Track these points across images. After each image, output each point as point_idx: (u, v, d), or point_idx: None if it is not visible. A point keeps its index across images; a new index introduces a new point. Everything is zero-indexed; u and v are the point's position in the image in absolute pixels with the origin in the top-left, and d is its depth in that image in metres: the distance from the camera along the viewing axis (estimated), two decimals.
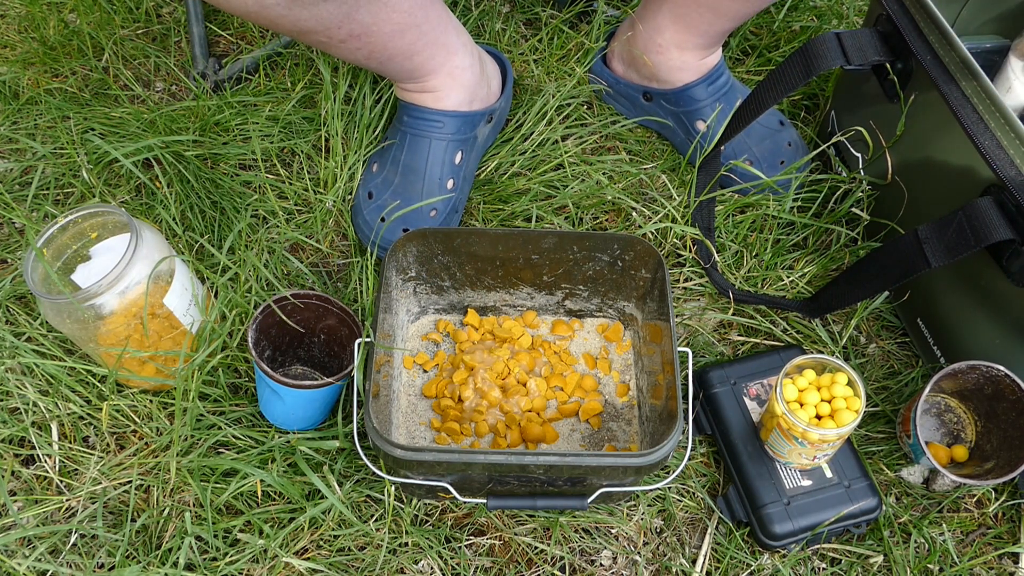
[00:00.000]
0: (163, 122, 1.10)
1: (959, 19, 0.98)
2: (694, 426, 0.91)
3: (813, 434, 0.78)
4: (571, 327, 1.00)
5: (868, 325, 1.02)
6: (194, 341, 0.89)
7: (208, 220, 1.04)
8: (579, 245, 0.91)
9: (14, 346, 0.92)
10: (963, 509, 0.89)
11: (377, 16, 0.87)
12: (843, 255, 1.03)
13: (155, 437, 0.90)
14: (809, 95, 1.21)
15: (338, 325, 0.91)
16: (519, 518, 0.88)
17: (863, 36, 0.90)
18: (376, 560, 0.83)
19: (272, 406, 0.87)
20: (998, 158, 0.77)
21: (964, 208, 0.78)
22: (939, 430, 0.92)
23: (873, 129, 0.98)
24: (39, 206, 1.07)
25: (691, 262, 1.04)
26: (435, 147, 1.03)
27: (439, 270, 0.95)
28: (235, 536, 0.84)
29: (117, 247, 0.86)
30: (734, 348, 0.99)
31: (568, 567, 0.85)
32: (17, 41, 1.24)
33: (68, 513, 0.87)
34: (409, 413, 0.94)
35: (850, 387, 0.82)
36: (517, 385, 0.93)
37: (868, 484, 0.84)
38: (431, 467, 0.77)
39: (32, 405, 0.90)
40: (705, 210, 1.03)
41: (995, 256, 0.80)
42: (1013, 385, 0.83)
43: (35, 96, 1.17)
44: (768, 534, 0.83)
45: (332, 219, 1.08)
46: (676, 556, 0.86)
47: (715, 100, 1.10)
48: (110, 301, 0.80)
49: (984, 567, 0.86)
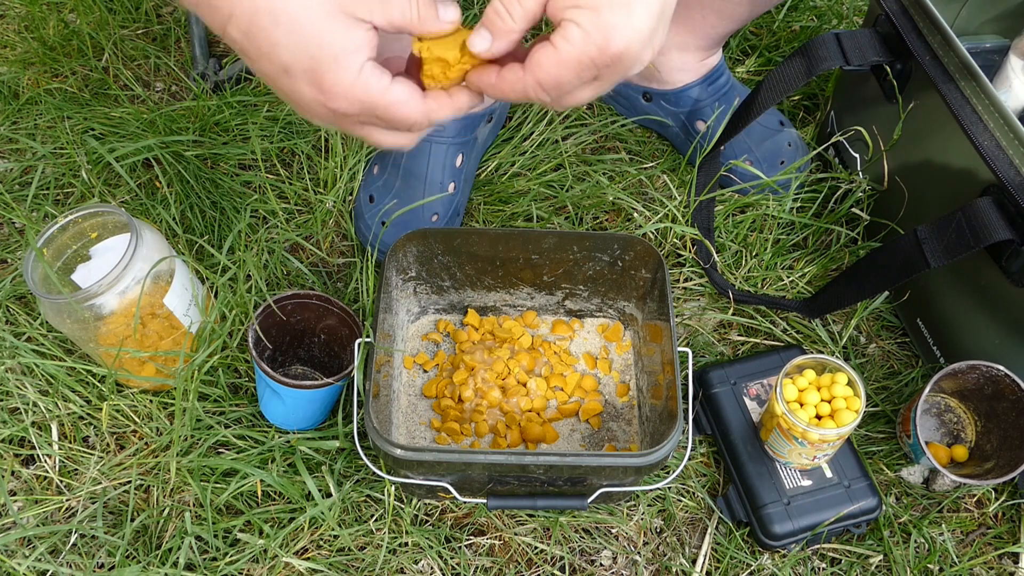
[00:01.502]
0: (163, 122, 1.10)
1: (958, 19, 0.98)
2: (694, 426, 0.91)
3: (813, 434, 0.78)
4: (571, 327, 1.00)
5: (868, 325, 1.02)
6: (194, 341, 0.89)
7: (208, 220, 1.04)
8: (579, 245, 0.91)
9: (14, 346, 0.92)
10: (963, 509, 0.89)
11: None
12: (843, 255, 1.03)
13: (155, 437, 0.90)
14: (809, 95, 1.21)
15: (338, 325, 0.91)
16: (519, 518, 0.88)
17: (862, 36, 0.90)
18: (376, 560, 0.83)
19: (272, 406, 0.87)
20: (997, 159, 0.77)
21: (963, 208, 0.78)
22: (939, 430, 0.92)
23: (873, 130, 0.98)
24: (39, 206, 1.07)
25: (691, 262, 1.04)
26: (436, 151, 1.02)
27: (439, 270, 0.95)
28: (235, 536, 0.84)
29: (117, 247, 0.86)
30: (734, 348, 0.99)
31: (568, 567, 0.85)
32: (17, 41, 1.24)
33: (68, 513, 0.87)
34: (409, 413, 0.94)
35: (850, 387, 0.82)
36: (517, 385, 0.93)
37: (868, 484, 0.84)
38: (431, 467, 0.77)
39: (32, 405, 0.90)
40: (705, 210, 1.03)
41: (994, 256, 0.80)
42: (1013, 385, 0.83)
43: (35, 96, 1.17)
44: (768, 534, 0.83)
45: (332, 219, 1.08)
46: (676, 556, 0.86)
47: (715, 100, 1.10)
48: (110, 301, 0.80)
49: (984, 567, 0.86)
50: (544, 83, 0.54)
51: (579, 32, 0.52)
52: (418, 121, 0.56)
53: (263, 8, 0.51)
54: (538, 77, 0.54)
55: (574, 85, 0.54)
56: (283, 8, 0.50)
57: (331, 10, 0.51)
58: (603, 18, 0.51)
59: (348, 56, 0.52)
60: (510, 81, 0.55)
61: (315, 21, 0.51)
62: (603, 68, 0.53)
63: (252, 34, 0.52)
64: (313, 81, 0.53)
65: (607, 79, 0.54)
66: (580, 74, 0.53)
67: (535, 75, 0.54)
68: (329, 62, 0.52)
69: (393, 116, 0.55)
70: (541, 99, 0.55)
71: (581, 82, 0.54)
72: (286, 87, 0.54)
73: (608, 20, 0.51)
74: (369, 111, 0.54)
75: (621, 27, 0.51)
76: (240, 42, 0.53)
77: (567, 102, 0.57)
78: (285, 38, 0.51)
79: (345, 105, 0.54)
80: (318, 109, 0.55)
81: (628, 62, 0.53)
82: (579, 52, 0.52)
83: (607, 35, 0.51)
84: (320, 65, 0.52)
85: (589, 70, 0.53)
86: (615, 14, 0.51)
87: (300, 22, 0.51)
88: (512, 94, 0.55)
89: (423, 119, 0.57)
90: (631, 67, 0.54)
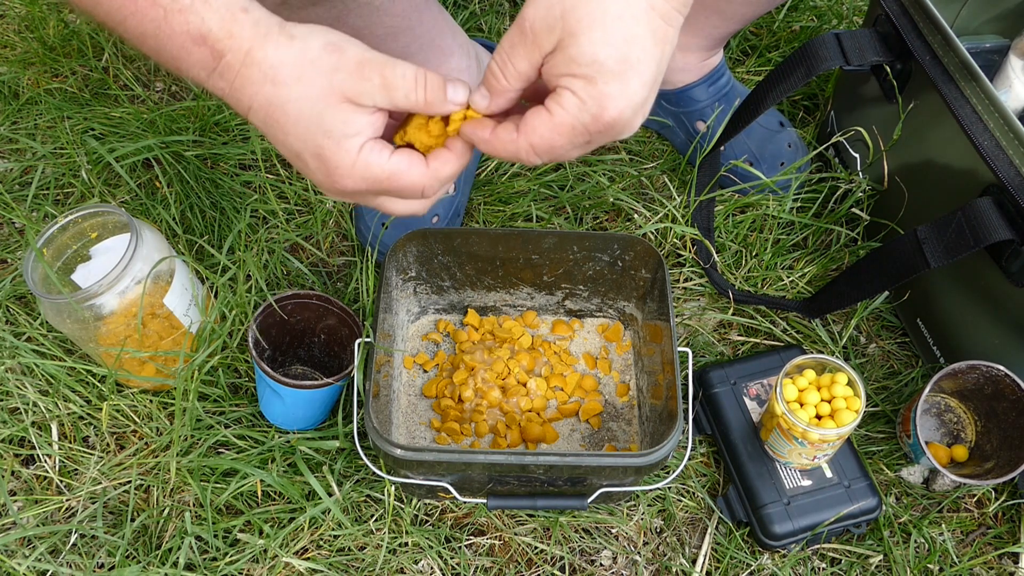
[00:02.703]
0: (163, 122, 1.10)
1: (958, 19, 0.98)
2: (694, 426, 0.91)
3: (813, 434, 0.78)
4: (571, 327, 1.00)
5: (868, 325, 1.02)
6: (194, 341, 0.89)
7: (208, 220, 1.04)
8: (579, 245, 0.91)
9: (14, 346, 0.92)
10: (963, 509, 0.89)
11: (368, 20, 0.86)
12: (843, 255, 1.03)
13: (155, 437, 0.90)
14: (809, 95, 1.21)
15: (338, 325, 0.91)
16: (519, 518, 0.88)
17: (862, 36, 0.90)
18: (376, 560, 0.83)
19: (272, 406, 0.87)
20: (997, 158, 0.77)
21: (963, 208, 0.78)
22: (939, 430, 0.92)
23: (873, 130, 0.98)
24: (39, 206, 1.07)
25: (691, 262, 1.04)
26: None
27: (439, 270, 0.95)
28: (235, 536, 0.84)
29: (117, 247, 0.86)
30: (734, 348, 0.99)
31: (568, 567, 0.85)
32: (17, 41, 1.24)
33: (68, 513, 0.87)
34: (409, 413, 0.94)
35: (850, 387, 0.82)
36: (517, 385, 0.93)
37: (868, 484, 0.84)
38: (431, 467, 0.77)
39: (32, 405, 0.90)
40: (705, 210, 1.03)
41: (994, 256, 0.80)
42: (1013, 385, 0.83)
43: (35, 96, 1.17)
44: (768, 534, 0.83)
45: (332, 219, 1.08)
46: (676, 556, 0.86)
47: (715, 101, 1.10)
48: (110, 301, 0.80)
49: (984, 567, 0.86)
50: (537, 147, 0.55)
51: (574, 100, 0.53)
52: (426, 184, 0.59)
53: (275, 102, 0.55)
54: (531, 141, 0.55)
55: (566, 150, 0.56)
56: (291, 100, 0.55)
57: (333, 101, 0.55)
58: (599, 88, 0.52)
59: (349, 140, 0.56)
60: (503, 140, 0.57)
61: (319, 112, 0.55)
62: (595, 134, 0.54)
63: (268, 124, 0.57)
64: (320, 165, 0.57)
65: (597, 143, 0.56)
66: (573, 140, 0.55)
67: (528, 138, 0.55)
68: (332, 147, 0.56)
69: (397, 185, 0.58)
70: (532, 161, 0.57)
71: (573, 147, 0.55)
72: (302, 169, 0.59)
73: (603, 91, 0.52)
74: (375, 186, 0.58)
75: (616, 97, 0.52)
76: (261, 129, 0.58)
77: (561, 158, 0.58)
78: (294, 127, 0.56)
79: (351, 184, 0.57)
80: (331, 188, 0.59)
81: (619, 128, 0.54)
82: (573, 120, 0.53)
83: (602, 104, 0.52)
84: (324, 151, 0.56)
85: (582, 136, 0.54)
86: (610, 85, 0.52)
87: (305, 113, 0.55)
88: (504, 153, 0.57)
89: (430, 181, 0.59)
90: (622, 133, 0.55)
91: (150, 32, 0.56)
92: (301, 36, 0.56)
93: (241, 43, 0.55)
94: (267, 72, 0.55)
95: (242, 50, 0.55)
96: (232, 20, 0.55)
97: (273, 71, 0.55)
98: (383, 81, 0.55)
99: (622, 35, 0.52)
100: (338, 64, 0.55)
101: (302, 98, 0.55)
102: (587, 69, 0.52)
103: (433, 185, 0.59)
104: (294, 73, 0.55)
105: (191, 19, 0.54)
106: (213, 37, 0.55)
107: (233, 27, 0.55)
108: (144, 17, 0.55)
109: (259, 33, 0.55)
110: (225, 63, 0.55)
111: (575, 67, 0.52)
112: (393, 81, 0.55)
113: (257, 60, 0.55)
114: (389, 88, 0.55)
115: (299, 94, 0.55)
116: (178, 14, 0.54)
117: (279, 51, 0.55)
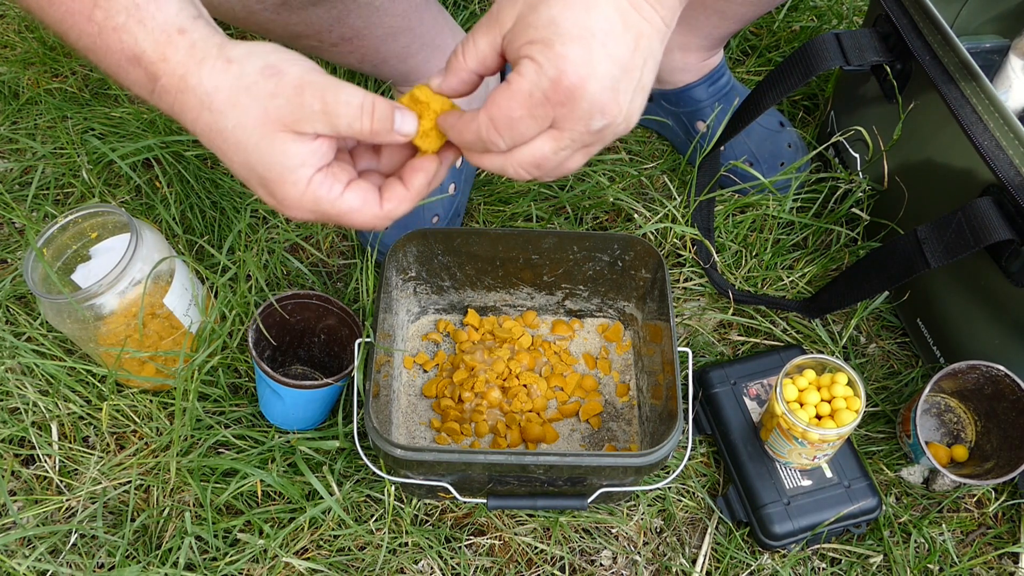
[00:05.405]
0: (163, 122, 1.10)
1: (958, 19, 0.98)
2: (694, 426, 0.91)
3: (813, 434, 0.78)
4: (571, 327, 1.00)
5: (868, 325, 1.02)
6: (194, 341, 0.89)
7: (208, 220, 1.04)
8: (579, 245, 0.91)
9: (14, 346, 0.92)
10: (963, 509, 0.89)
11: (369, 20, 0.86)
12: (843, 255, 1.03)
13: (155, 437, 0.90)
14: (809, 95, 1.21)
15: (338, 325, 0.91)
16: (519, 518, 0.88)
17: (862, 36, 0.90)
18: (376, 560, 0.83)
19: (272, 406, 0.87)
20: (997, 159, 0.77)
21: (963, 208, 0.78)
22: (939, 430, 0.92)
23: (873, 130, 0.98)
24: (39, 206, 1.07)
25: (691, 262, 1.04)
26: None
27: (439, 270, 0.95)
28: (235, 536, 0.84)
29: (117, 247, 0.86)
30: (734, 348, 0.99)
31: (568, 567, 0.85)
32: (17, 41, 1.24)
33: (68, 513, 0.87)
34: (409, 413, 0.94)
35: (850, 387, 0.82)
36: (517, 385, 0.93)
37: (868, 484, 0.84)
38: (431, 467, 0.77)
39: (32, 405, 0.90)
40: (705, 210, 1.03)
41: (994, 256, 0.80)
42: (1013, 385, 0.83)
43: (35, 96, 1.17)
44: (768, 534, 0.83)
45: None
46: (676, 556, 0.86)
47: (715, 101, 1.10)
48: (110, 301, 0.80)
49: (984, 567, 0.86)
50: (495, 119, 0.52)
51: (531, 66, 0.50)
52: (375, 224, 0.57)
53: (214, 128, 0.53)
54: (491, 113, 0.52)
55: (528, 125, 0.52)
56: (228, 129, 0.53)
57: (270, 130, 0.52)
58: (555, 50, 0.49)
59: (294, 172, 0.53)
60: (466, 120, 0.54)
61: (257, 142, 0.52)
62: (558, 106, 0.50)
63: (213, 149, 0.55)
64: (267, 195, 0.55)
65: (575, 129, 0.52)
66: (532, 111, 0.51)
67: (488, 111, 0.52)
68: (275, 178, 0.53)
69: (347, 223, 0.56)
70: (493, 139, 0.53)
71: (535, 121, 0.51)
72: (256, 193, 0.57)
73: (560, 52, 0.49)
74: (324, 218, 0.56)
75: (576, 62, 0.49)
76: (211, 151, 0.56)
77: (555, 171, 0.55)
78: (236, 156, 0.54)
79: (300, 214, 0.55)
80: (283, 214, 0.57)
81: (587, 105, 0.50)
82: (530, 85, 0.50)
83: (560, 68, 0.49)
84: (268, 182, 0.54)
85: (542, 107, 0.51)
86: (568, 47, 0.49)
87: (243, 143, 0.53)
88: (468, 134, 0.54)
89: (379, 222, 0.57)
90: (591, 112, 0.51)
91: (88, 47, 0.53)
92: (239, 59, 0.52)
93: (175, 67, 0.52)
94: (203, 99, 0.52)
95: (176, 74, 0.52)
96: (167, 43, 0.52)
97: (208, 98, 0.52)
98: (324, 107, 0.51)
99: (584, 4, 0.49)
100: (275, 90, 0.52)
101: (238, 127, 0.52)
102: (544, 31, 0.49)
103: (381, 224, 0.57)
104: (229, 100, 0.52)
105: (124, 39, 0.52)
106: (147, 59, 0.52)
107: (167, 50, 0.52)
108: (81, 32, 0.53)
109: (194, 58, 0.52)
110: (161, 86, 0.53)
111: (532, 32, 0.50)
112: (335, 108, 0.52)
113: (191, 86, 0.52)
114: (330, 115, 0.52)
115: (235, 122, 0.52)
116: (112, 32, 0.52)
117: (214, 76, 0.52)
